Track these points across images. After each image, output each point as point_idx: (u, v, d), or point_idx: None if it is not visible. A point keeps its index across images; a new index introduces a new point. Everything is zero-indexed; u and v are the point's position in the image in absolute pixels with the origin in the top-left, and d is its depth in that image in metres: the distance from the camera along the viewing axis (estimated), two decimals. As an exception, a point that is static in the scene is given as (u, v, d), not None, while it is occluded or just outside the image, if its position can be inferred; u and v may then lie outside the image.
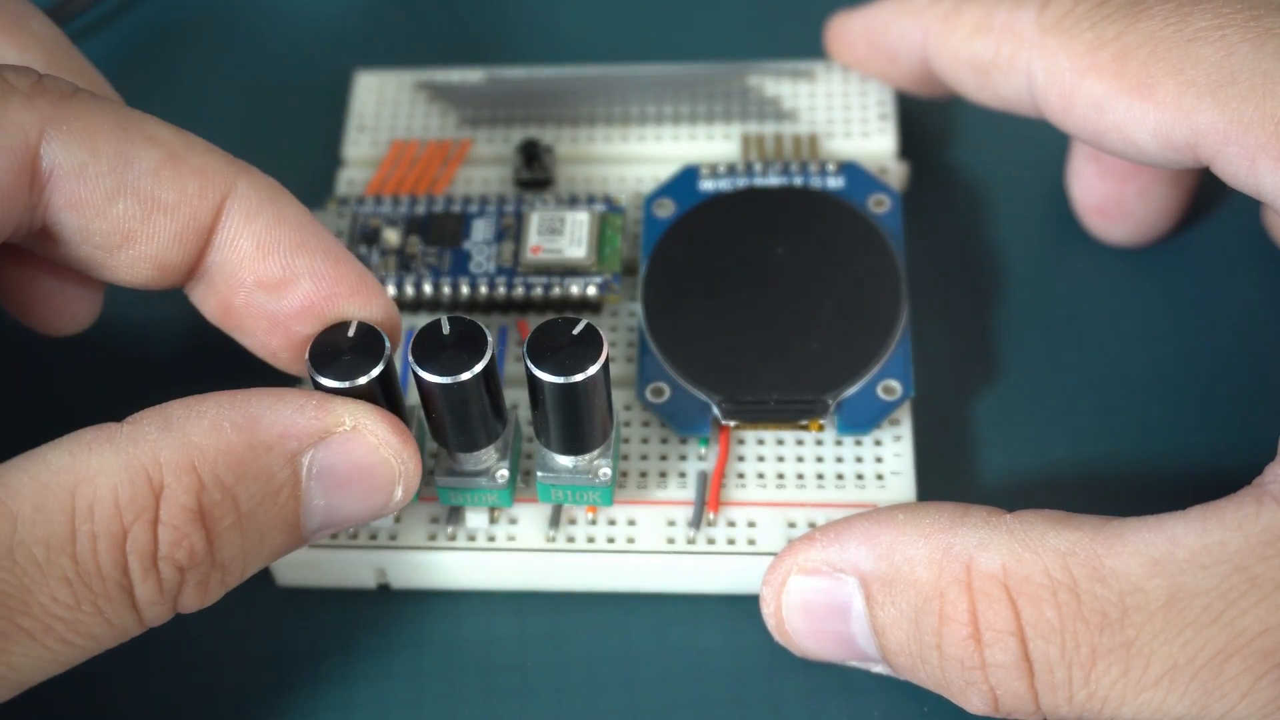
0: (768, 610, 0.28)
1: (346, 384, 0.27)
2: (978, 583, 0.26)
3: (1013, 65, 0.31)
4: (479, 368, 0.27)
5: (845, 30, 0.36)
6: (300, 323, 0.28)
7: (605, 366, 0.27)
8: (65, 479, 0.25)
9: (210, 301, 0.28)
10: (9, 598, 0.24)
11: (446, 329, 0.28)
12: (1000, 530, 0.26)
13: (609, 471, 0.30)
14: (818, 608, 0.28)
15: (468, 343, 0.27)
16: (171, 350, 0.36)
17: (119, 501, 0.25)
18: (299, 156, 0.38)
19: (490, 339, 0.27)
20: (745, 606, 0.30)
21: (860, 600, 0.27)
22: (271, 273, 0.28)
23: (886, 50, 0.35)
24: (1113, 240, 0.35)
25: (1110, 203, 0.35)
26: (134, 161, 0.26)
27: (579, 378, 0.27)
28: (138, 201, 0.27)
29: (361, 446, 0.27)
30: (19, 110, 0.26)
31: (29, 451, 0.25)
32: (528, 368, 0.27)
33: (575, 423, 0.28)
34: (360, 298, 0.28)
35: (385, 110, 0.37)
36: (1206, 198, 0.36)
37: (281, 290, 0.28)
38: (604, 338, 0.27)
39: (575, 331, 0.27)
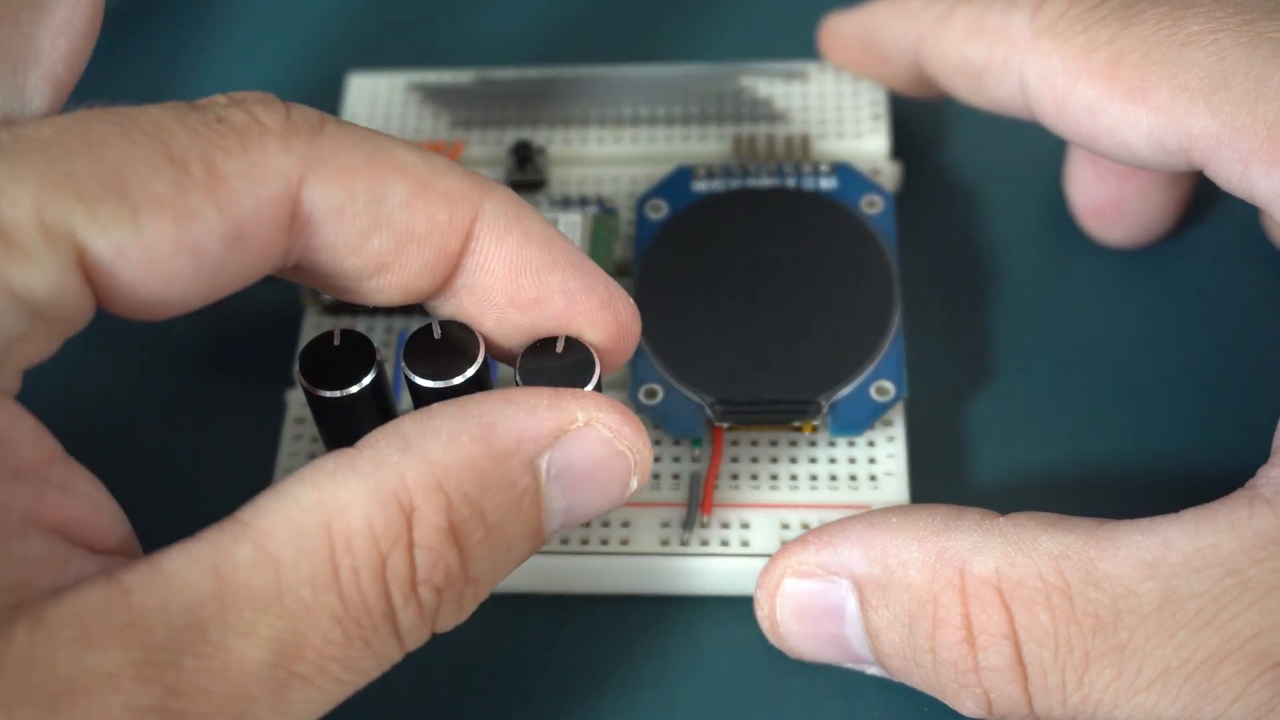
0: (762, 613, 0.28)
1: (338, 393, 0.27)
2: (971, 586, 0.26)
3: (1006, 69, 0.31)
4: (471, 371, 0.27)
5: (838, 32, 0.36)
6: (552, 334, 0.28)
7: (597, 388, 0.27)
8: (318, 515, 0.24)
9: (460, 316, 0.28)
10: (284, 645, 0.23)
11: (438, 333, 0.28)
12: (993, 533, 0.26)
13: None
14: (812, 610, 0.28)
15: (459, 346, 0.27)
16: (177, 347, 0.36)
17: (374, 530, 0.24)
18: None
19: (482, 343, 0.27)
20: (741, 607, 0.30)
21: (854, 603, 0.27)
22: (524, 293, 0.27)
23: (879, 52, 0.35)
24: (1111, 242, 0.35)
25: (1108, 204, 0.35)
26: (387, 196, 0.26)
27: None
28: (391, 236, 0.26)
29: (597, 441, 0.26)
30: (278, 156, 0.25)
31: (271, 489, 0.24)
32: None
33: None
34: (610, 309, 0.28)
35: (378, 112, 0.37)
36: (1204, 198, 0.36)
37: (534, 308, 0.27)
38: (596, 362, 0.27)
39: (568, 355, 0.27)
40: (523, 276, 0.27)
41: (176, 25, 0.42)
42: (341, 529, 0.24)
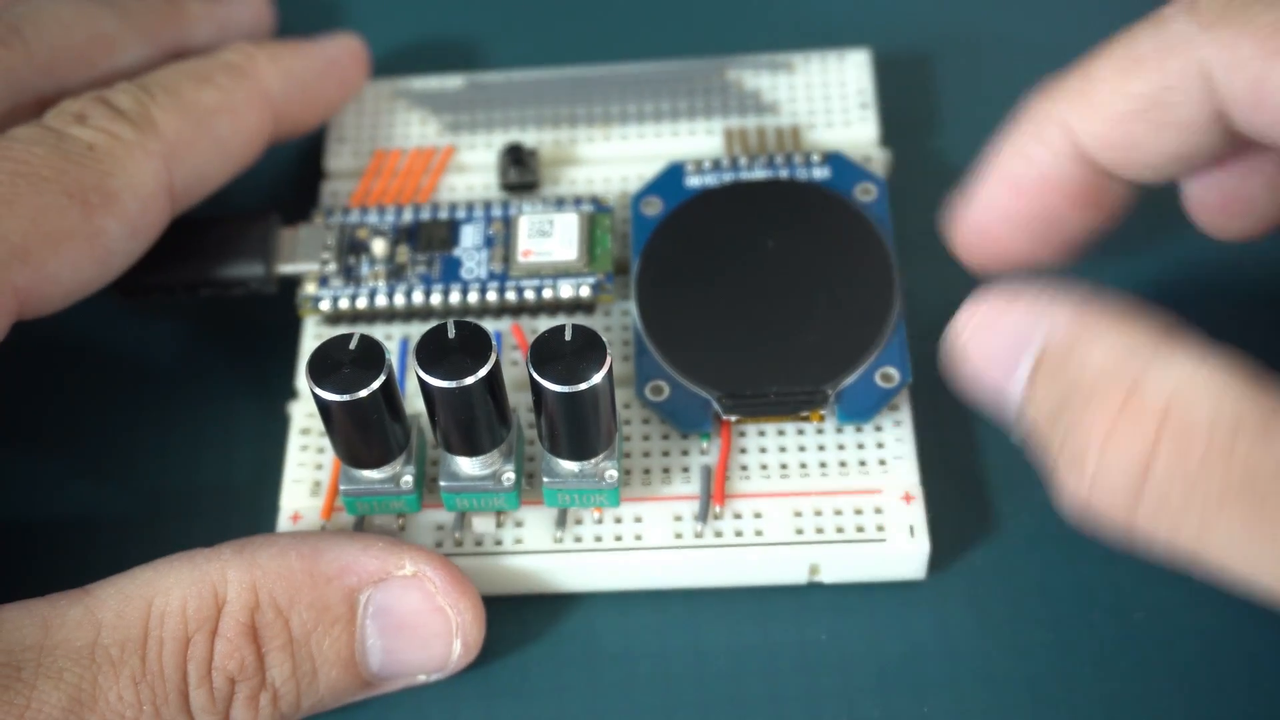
0: (960, 320, 0.27)
1: (347, 396, 0.27)
2: (1136, 401, 0.24)
3: (1184, 78, 0.28)
4: (484, 372, 0.27)
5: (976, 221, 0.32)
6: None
7: (609, 373, 0.27)
8: (146, 590, 0.27)
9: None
10: (82, 693, 0.26)
11: (452, 333, 0.27)
12: (1199, 382, 0.24)
13: (615, 474, 0.30)
14: (1004, 331, 0.26)
15: (472, 347, 0.27)
16: (161, 367, 0.36)
17: (187, 611, 0.27)
18: (281, 169, 0.38)
19: (494, 343, 0.27)
20: (741, 606, 0.31)
21: (1036, 350, 0.26)
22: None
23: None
24: (1229, 237, 0.32)
25: (1233, 198, 0.31)
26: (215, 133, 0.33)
27: (584, 386, 0.27)
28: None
29: (418, 593, 0.29)
30: (143, 163, 0.31)
31: (126, 572, 0.28)
32: (531, 376, 0.27)
33: (581, 430, 0.28)
34: None
35: (365, 120, 0.37)
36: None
37: None
38: (606, 344, 0.27)
39: (578, 339, 0.27)
40: None
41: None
42: (160, 605, 0.27)
